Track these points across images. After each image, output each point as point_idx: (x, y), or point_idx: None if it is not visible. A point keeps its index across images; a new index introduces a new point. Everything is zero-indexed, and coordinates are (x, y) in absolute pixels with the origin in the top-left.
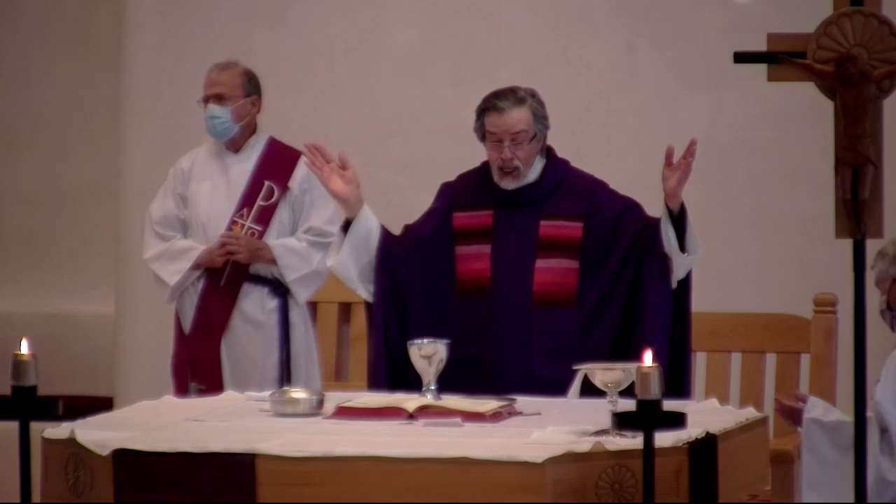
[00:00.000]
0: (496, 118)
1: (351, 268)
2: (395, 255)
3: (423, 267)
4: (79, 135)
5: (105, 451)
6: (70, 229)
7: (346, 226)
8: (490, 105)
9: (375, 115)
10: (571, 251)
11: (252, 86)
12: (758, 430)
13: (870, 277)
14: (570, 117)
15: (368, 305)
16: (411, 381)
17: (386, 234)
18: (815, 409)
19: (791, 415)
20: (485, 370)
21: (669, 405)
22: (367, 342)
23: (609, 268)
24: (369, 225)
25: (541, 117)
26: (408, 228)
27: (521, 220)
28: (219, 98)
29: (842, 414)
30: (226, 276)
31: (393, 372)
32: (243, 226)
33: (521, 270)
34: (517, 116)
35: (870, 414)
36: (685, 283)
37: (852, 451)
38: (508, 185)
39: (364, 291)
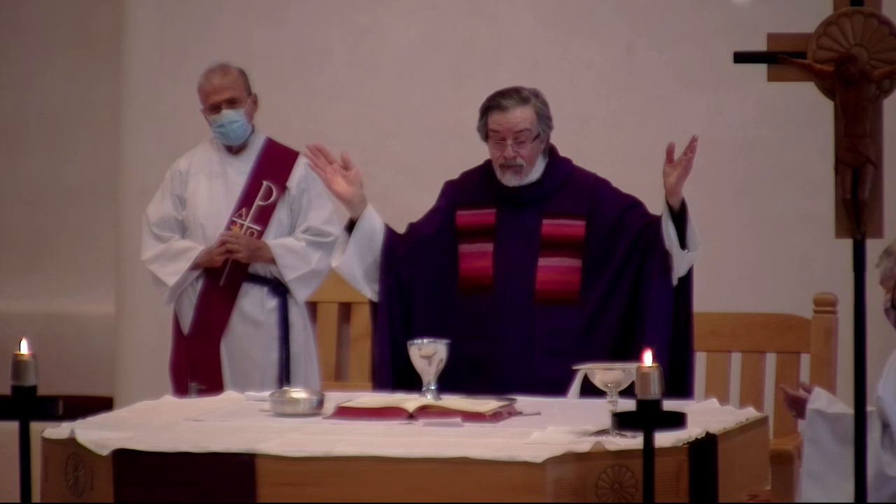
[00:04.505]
0: (499, 117)
1: (356, 268)
2: (399, 253)
3: (427, 265)
4: (79, 135)
5: (105, 451)
6: (70, 229)
7: (350, 226)
8: (494, 104)
9: (375, 115)
10: (574, 250)
11: (249, 84)
12: (758, 430)
13: (873, 276)
14: (571, 117)
15: (373, 305)
16: (415, 381)
17: (390, 233)
18: (819, 400)
19: (795, 404)
20: (486, 369)
21: (669, 405)
22: (372, 341)
23: (611, 266)
24: (374, 224)
25: (544, 117)
26: (412, 227)
27: (524, 219)
28: (231, 102)
29: (845, 407)
30: (225, 276)
31: (397, 371)
32: (242, 225)
33: (524, 269)
34: (520, 115)
35: (871, 409)
36: (687, 282)
37: (853, 444)
38: (510, 180)
39: (369, 291)
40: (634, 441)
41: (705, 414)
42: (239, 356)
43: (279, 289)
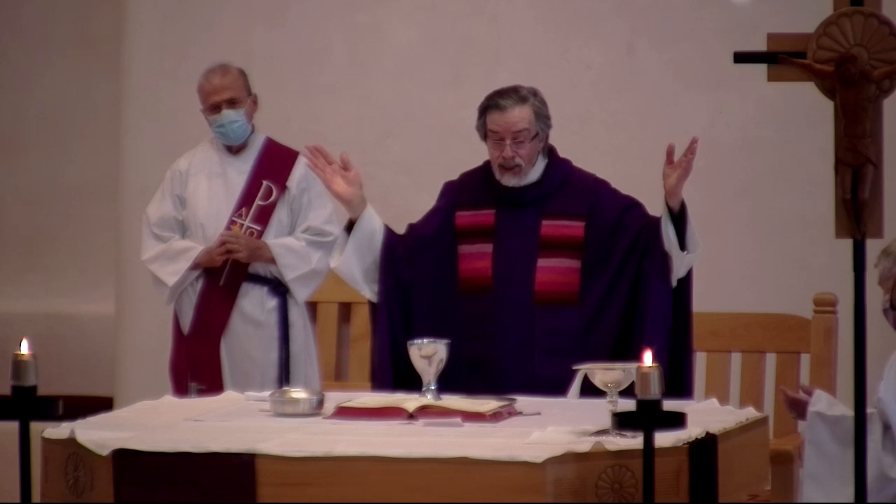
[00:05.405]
0: (498, 116)
1: (355, 268)
2: (398, 254)
3: (427, 266)
4: (79, 135)
5: (105, 451)
6: (70, 229)
7: (350, 226)
8: (492, 103)
9: (375, 115)
10: (573, 250)
11: (249, 84)
12: (758, 430)
13: (872, 276)
14: (571, 117)
15: (373, 305)
16: (415, 381)
17: (390, 234)
18: (820, 402)
19: (796, 406)
20: (486, 369)
21: (669, 405)
22: (371, 342)
23: (611, 267)
24: (373, 225)
25: (543, 116)
26: (411, 227)
27: (524, 220)
28: (231, 102)
29: (846, 409)
30: (225, 276)
31: (397, 371)
32: (242, 225)
33: (523, 269)
34: (519, 115)
35: (872, 410)
36: (686, 282)
37: (854, 446)
38: (509, 181)
39: (368, 292)
40: (634, 441)
41: (705, 414)
42: (239, 356)
43: (279, 288)
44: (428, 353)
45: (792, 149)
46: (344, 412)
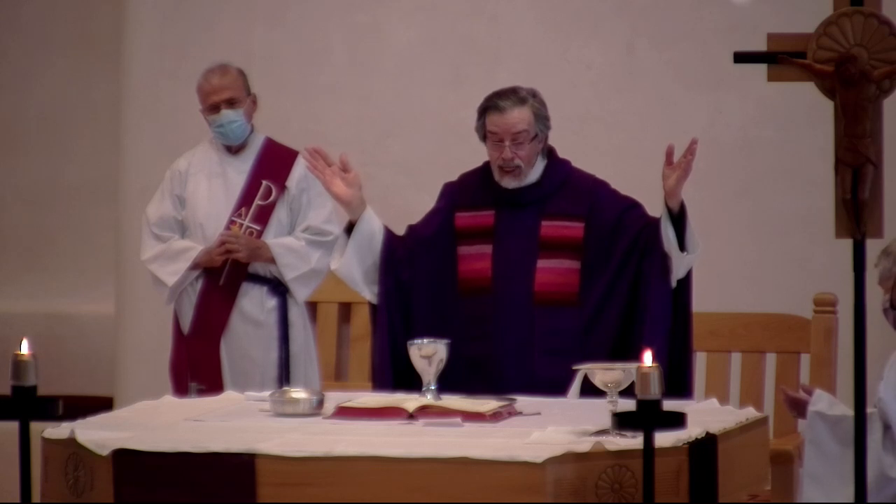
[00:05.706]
0: (497, 117)
1: (355, 270)
2: (398, 255)
3: (427, 267)
4: (79, 135)
5: (105, 451)
6: (70, 229)
7: (349, 228)
8: (491, 104)
9: (375, 115)
10: (573, 251)
11: (248, 84)
12: (758, 430)
13: (872, 276)
14: (571, 117)
15: (373, 307)
16: (415, 381)
17: (389, 235)
18: (821, 401)
19: (796, 406)
20: (486, 369)
21: (669, 405)
22: (372, 343)
23: (610, 267)
24: (373, 227)
25: (542, 117)
26: (411, 228)
27: (523, 220)
28: (230, 102)
29: (847, 409)
30: (225, 276)
31: (397, 372)
32: (241, 225)
33: (523, 270)
34: (518, 116)
35: (872, 410)
36: (686, 282)
37: (854, 446)
38: (509, 183)
39: (368, 293)
40: (634, 441)
41: (705, 414)
42: (239, 356)
43: (279, 288)
44: (428, 353)
45: (792, 149)
46: (344, 412)
